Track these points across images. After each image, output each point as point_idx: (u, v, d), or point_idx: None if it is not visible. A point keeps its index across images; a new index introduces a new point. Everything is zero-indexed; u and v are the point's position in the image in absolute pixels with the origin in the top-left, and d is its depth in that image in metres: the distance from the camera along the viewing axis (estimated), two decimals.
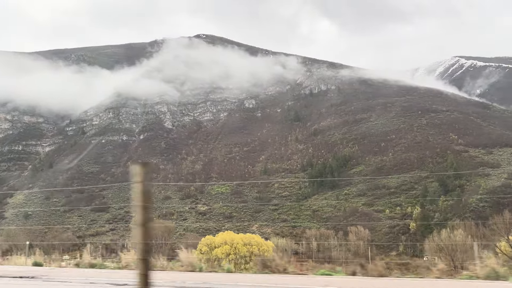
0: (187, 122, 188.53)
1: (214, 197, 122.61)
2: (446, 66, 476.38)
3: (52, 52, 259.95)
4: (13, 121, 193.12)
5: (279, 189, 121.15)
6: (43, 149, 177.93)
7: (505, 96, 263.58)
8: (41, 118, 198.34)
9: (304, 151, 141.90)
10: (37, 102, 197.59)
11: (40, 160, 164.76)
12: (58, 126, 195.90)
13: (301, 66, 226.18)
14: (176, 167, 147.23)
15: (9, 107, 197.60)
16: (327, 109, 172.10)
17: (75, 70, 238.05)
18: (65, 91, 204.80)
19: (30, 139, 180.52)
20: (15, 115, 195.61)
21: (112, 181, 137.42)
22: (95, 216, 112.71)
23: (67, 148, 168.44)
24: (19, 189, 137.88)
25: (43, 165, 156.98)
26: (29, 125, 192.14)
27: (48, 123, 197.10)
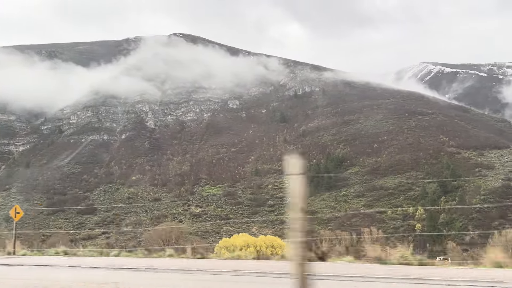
0: (170, 122, 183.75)
1: (206, 199, 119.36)
2: (415, 71, 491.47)
3: (24, 47, 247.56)
4: None
5: (273, 190, 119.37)
6: (17, 148, 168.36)
7: (475, 101, 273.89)
8: (12, 115, 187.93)
9: (294, 152, 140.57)
10: (8, 98, 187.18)
11: (15, 160, 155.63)
12: (32, 124, 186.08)
13: (284, 67, 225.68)
14: (162, 168, 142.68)
15: None
16: (313, 110, 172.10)
17: (48, 66, 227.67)
18: (39, 88, 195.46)
19: (2, 138, 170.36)
20: None
21: (96, 182, 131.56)
22: (83, 219, 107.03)
23: (43, 147, 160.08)
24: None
25: (19, 165, 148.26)
26: (0, 123, 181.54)
27: (21, 121, 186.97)
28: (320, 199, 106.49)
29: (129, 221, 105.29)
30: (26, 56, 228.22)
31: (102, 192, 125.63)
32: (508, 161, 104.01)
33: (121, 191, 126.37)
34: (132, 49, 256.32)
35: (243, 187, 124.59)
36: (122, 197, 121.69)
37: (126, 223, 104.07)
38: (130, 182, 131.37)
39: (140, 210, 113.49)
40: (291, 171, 4.07)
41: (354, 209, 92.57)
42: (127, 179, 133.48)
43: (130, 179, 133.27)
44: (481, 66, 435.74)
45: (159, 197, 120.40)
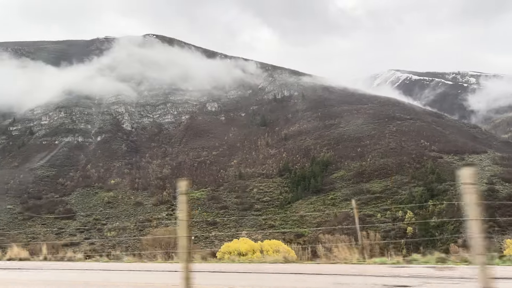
0: (147, 124, 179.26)
1: (190, 203, 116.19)
2: (383, 78, 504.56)
3: None
4: None
5: (259, 194, 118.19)
6: None
7: (443, 108, 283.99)
8: None
9: (277, 155, 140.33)
10: None
11: None
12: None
13: (261, 71, 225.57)
14: (142, 171, 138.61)
15: None
16: (293, 114, 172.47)
17: (16, 64, 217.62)
18: (6, 87, 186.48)
19: None
20: None
21: (72, 186, 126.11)
22: (62, 224, 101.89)
23: (13, 149, 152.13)
24: None
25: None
26: None
27: None
28: (308, 202, 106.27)
29: (111, 226, 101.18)
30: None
31: (80, 196, 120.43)
32: (488, 166, 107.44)
33: (99, 195, 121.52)
34: (105, 49, 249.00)
35: (227, 191, 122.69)
36: (101, 201, 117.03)
37: (108, 228, 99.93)
38: (108, 186, 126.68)
39: (122, 215, 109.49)
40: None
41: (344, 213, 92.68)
42: (106, 183, 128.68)
43: (108, 183, 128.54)
44: (446, 74, 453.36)
45: (141, 201, 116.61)
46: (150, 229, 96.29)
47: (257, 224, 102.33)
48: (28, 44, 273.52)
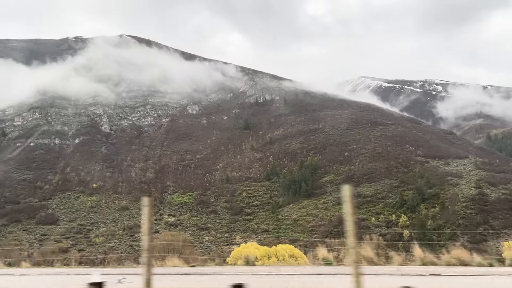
0: (126, 126, 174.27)
1: (178, 207, 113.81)
2: (354, 85, 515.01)
3: None
4: None
5: (248, 198, 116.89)
6: None
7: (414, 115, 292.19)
8: None
9: (263, 159, 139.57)
10: None
11: None
12: None
13: (241, 74, 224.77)
14: (124, 175, 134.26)
15: None
16: (276, 118, 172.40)
17: None
18: None
19: None
20: None
21: (52, 190, 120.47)
22: (45, 230, 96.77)
23: None
24: None
25: None
26: None
27: None
28: (300, 207, 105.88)
29: (98, 232, 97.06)
30: None
31: (61, 200, 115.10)
32: (472, 170, 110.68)
33: (81, 199, 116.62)
34: (79, 49, 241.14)
35: (215, 195, 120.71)
36: (84, 206, 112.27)
37: (95, 234, 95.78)
38: (90, 190, 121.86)
39: (107, 220, 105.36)
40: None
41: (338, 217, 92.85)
42: (87, 187, 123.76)
43: (90, 187, 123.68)
44: (414, 82, 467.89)
45: (126, 206, 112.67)
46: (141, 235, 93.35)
47: (250, 228, 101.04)
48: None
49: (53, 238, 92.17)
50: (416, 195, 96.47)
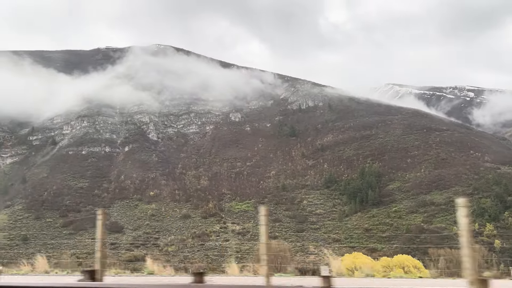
0: (172, 134, 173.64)
1: (239, 215, 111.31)
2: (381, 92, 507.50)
3: None
4: None
5: (310, 206, 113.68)
6: (4, 161, 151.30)
7: None
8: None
9: (317, 166, 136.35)
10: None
11: (5, 173, 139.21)
12: (17, 134, 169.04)
13: (280, 81, 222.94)
14: (178, 182, 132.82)
15: None
16: (323, 125, 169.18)
17: (29, 72, 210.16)
18: (22, 95, 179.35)
19: None
20: None
21: (110, 198, 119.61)
22: (112, 239, 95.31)
23: (37, 160, 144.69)
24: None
25: (11, 180, 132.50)
26: None
27: (4, 131, 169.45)
28: (369, 215, 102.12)
29: (166, 240, 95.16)
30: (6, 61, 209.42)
31: (121, 208, 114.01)
32: None
33: (140, 207, 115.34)
34: (118, 58, 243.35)
35: (273, 203, 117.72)
36: (145, 214, 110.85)
37: (165, 242, 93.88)
38: (148, 198, 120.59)
39: (172, 228, 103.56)
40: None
41: (417, 226, 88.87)
42: (144, 194, 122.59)
43: (147, 194, 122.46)
44: (443, 88, 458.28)
45: (187, 213, 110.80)
46: (212, 243, 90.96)
47: (320, 238, 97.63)
48: (32, 53, 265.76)
49: (124, 247, 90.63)
50: (497, 203, 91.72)
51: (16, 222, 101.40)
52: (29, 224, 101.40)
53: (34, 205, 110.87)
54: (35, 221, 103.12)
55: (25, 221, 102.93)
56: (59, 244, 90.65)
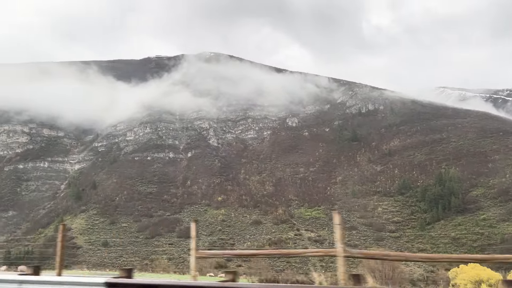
0: (231, 139, 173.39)
1: (311, 222, 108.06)
2: (432, 95, 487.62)
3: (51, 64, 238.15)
4: (31, 134, 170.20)
5: (385, 213, 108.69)
6: (72, 166, 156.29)
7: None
8: (61, 131, 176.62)
9: (387, 172, 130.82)
10: (56, 113, 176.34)
11: (75, 179, 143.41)
12: (82, 141, 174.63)
13: (336, 85, 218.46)
14: (243, 188, 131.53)
15: (25, 118, 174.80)
16: (386, 129, 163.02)
17: (91, 81, 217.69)
18: (85, 103, 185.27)
19: (55, 155, 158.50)
20: (32, 128, 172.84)
21: (179, 203, 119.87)
22: (189, 244, 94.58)
23: (105, 165, 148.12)
24: (67, 211, 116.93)
25: (81, 185, 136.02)
26: (50, 139, 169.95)
27: (70, 137, 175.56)
28: (454, 223, 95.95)
29: (242, 246, 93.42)
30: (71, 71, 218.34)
31: (191, 213, 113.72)
32: None
33: (210, 213, 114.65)
34: (173, 65, 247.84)
35: (345, 210, 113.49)
36: (215, 220, 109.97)
37: (241, 248, 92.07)
38: (216, 203, 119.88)
39: (245, 234, 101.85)
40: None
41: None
42: (211, 200, 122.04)
43: (214, 200, 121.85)
44: (499, 91, 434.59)
45: (258, 219, 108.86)
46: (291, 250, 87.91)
47: (402, 247, 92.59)
48: (90, 63, 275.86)
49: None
50: None
51: (93, 227, 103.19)
52: (105, 228, 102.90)
53: (107, 210, 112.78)
54: (111, 225, 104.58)
55: (101, 226, 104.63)
56: (138, 249, 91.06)
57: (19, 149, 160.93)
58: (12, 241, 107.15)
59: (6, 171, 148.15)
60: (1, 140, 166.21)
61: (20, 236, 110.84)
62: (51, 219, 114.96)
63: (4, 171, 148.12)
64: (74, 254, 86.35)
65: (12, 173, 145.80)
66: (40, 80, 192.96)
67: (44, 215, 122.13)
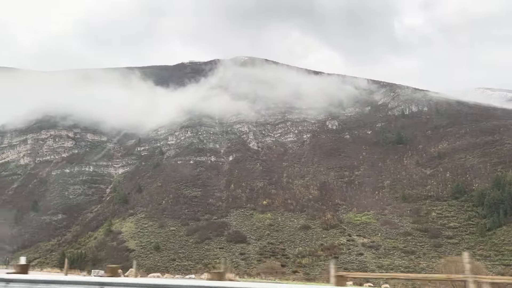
0: (270, 143, 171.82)
1: (361, 228, 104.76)
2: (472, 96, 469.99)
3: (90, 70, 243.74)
4: (75, 139, 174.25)
5: (440, 218, 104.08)
6: (116, 170, 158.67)
7: None
8: (104, 136, 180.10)
9: (437, 176, 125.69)
10: (99, 118, 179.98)
11: (120, 183, 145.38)
12: (124, 145, 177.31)
13: (376, 87, 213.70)
14: (288, 192, 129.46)
15: (70, 123, 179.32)
16: (433, 131, 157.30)
17: (129, 85, 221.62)
18: (127, 108, 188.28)
19: (99, 160, 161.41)
20: (77, 132, 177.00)
21: (225, 207, 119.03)
22: (239, 248, 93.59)
23: (149, 169, 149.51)
24: (115, 215, 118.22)
25: (127, 189, 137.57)
26: (94, 144, 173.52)
27: (112, 142, 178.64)
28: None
29: (294, 252, 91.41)
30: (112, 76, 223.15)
31: (237, 217, 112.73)
32: None
33: (256, 217, 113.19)
34: (209, 70, 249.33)
35: (396, 215, 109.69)
36: (262, 224, 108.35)
37: (293, 253, 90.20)
38: (261, 207, 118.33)
39: (294, 239, 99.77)
40: None
41: None
42: (256, 203, 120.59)
43: (259, 204, 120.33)
44: None
45: (307, 224, 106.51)
46: (345, 256, 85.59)
47: (458, 253, 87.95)
48: (130, 68, 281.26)
49: (254, 257, 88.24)
50: None
51: (143, 230, 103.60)
52: (155, 232, 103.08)
53: (155, 214, 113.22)
54: (159, 229, 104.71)
55: (150, 229, 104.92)
56: (190, 253, 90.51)
57: (65, 153, 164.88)
58: (63, 243, 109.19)
59: (54, 175, 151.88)
60: (48, 145, 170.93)
61: (71, 239, 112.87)
62: (100, 223, 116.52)
63: (51, 175, 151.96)
64: (127, 257, 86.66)
65: (59, 177, 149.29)
66: (83, 86, 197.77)
67: (92, 218, 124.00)
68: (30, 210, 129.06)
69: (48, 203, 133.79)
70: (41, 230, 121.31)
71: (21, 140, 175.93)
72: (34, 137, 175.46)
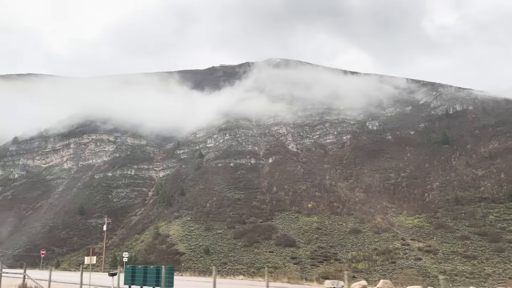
0: (309, 144, 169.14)
1: (414, 231, 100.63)
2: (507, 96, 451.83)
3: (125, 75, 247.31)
4: (116, 142, 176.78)
5: (499, 222, 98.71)
6: (157, 173, 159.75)
7: None
8: (143, 140, 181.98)
9: (490, 177, 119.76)
10: (138, 122, 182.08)
11: (162, 186, 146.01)
12: (163, 149, 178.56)
13: (416, 86, 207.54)
14: (332, 194, 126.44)
15: (110, 127, 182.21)
16: (481, 130, 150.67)
17: (167, 90, 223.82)
18: (165, 111, 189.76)
19: (140, 163, 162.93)
20: (117, 136, 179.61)
21: (270, 210, 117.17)
22: (289, 252, 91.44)
23: (189, 172, 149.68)
24: (160, 218, 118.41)
25: (170, 192, 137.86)
26: (134, 147, 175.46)
27: (152, 145, 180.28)
28: None
29: (347, 257, 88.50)
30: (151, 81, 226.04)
31: (283, 220, 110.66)
32: None
33: (302, 220, 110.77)
34: (244, 73, 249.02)
35: (450, 218, 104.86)
36: (310, 227, 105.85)
37: (346, 258, 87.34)
38: (306, 210, 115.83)
39: (345, 243, 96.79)
40: None
41: None
42: (301, 206, 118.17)
43: (304, 206, 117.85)
44: None
45: (357, 228, 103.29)
46: (402, 261, 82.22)
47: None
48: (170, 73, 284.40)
49: (307, 262, 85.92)
50: None
51: (190, 233, 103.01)
52: (202, 235, 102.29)
53: (201, 217, 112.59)
54: (206, 232, 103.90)
55: (197, 232, 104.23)
56: (240, 256, 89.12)
57: (106, 157, 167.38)
58: (110, 247, 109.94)
59: (97, 178, 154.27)
60: (90, 149, 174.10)
61: (118, 242, 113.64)
62: (145, 226, 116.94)
63: (95, 179, 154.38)
64: (178, 260, 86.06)
65: (102, 181, 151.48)
66: (121, 91, 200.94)
67: (138, 221, 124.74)
68: (77, 213, 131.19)
69: (93, 206, 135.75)
70: (88, 233, 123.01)
71: (64, 144, 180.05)
72: (76, 142, 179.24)
